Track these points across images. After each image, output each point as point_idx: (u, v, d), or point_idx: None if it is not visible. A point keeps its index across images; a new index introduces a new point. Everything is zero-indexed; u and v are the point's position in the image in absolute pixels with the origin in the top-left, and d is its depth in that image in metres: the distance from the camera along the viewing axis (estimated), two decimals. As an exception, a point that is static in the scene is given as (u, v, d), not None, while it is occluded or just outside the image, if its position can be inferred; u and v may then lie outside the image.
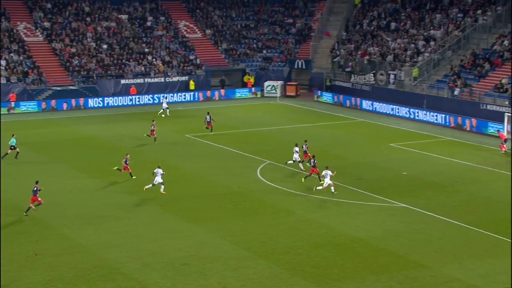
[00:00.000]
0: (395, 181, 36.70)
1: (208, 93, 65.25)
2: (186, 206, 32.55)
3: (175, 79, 65.32)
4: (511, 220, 28.67)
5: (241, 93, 66.73)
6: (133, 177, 36.18)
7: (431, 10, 66.10)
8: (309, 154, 38.05)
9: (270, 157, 41.58)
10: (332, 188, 33.56)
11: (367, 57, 64.20)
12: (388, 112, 57.08)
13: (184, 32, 71.89)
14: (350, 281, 23.97)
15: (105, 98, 61.24)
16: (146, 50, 67.58)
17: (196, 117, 55.85)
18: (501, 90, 51.53)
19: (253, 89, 67.05)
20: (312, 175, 35.78)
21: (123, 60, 65.49)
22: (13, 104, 57.80)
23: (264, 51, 72.26)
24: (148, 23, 71.37)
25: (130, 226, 29.58)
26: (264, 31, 74.93)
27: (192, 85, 65.43)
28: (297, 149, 38.24)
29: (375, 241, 27.78)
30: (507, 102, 50.11)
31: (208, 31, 72.67)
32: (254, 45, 72.93)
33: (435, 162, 40.74)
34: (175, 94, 63.76)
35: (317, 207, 32.16)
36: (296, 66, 70.11)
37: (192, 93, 64.32)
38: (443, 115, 52.50)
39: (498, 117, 47.67)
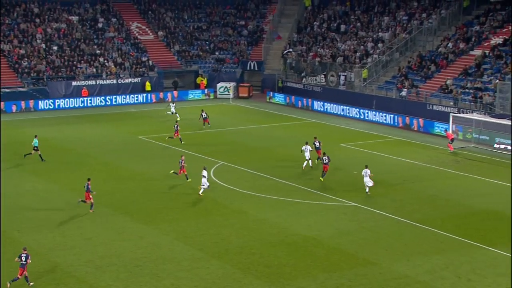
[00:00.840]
0: (346, 181, 37.16)
1: (161, 94, 64.84)
2: (139, 207, 32.28)
3: (128, 80, 64.70)
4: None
5: (194, 94, 66.54)
6: (188, 180, 35.39)
7: (379, 13, 67.19)
8: (320, 151, 38.91)
9: (224, 158, 41.59)
10: (368, 188, 34.16)
11: (318, 59, 64.83)
12: (338, 112, 57.74)
13: (136, 34, 71.27)
14: (302, 280, 24.18)
15: (56, 100, 60.21)
16: (98, 51, 66.75)
17: (149, 118, 55.49)
18: (446, 91, 52.73)
19: (206, 90, 66.94)
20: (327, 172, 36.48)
21: (74, 62, 64.52)
22: (-40, 106, 56.33)
23: (217, 53, 72.23)
24: (100, 25, 70.50)
25: (82, 229, 29.18)
26: (217, 33, 74.88)
27: (148, 86, 64.96)
28: (308, 147, 38.86)
29: (326, 240, 28.08)
30: (452, 103, 51.30)
31: (160, 33, 72.21)
32: (207, 47, 72.82)
33: (384, 162, 41.41)
34: (128, 96, 63.14)
35: (269, 207, 32.31)
36: (248, 68, 70.30)
37: (144, 95, 63.79)
38: (392, 116, 53.41)
39: (444, 117, 48.73)
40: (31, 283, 23.42)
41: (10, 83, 60.59)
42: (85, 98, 61.40)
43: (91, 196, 31.23)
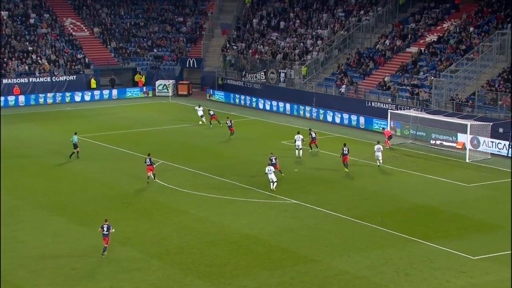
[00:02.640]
0: (287, 178, 37.46)
1: (97, 92, 63.84)
2: (76, 209, 31.75)
3: (62, 78, 63.40)
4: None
5: (132, 92, 65.79)
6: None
7: (318, 10, 67.99)
8: (316, 141, 40.85)
9: (163, 157, 41.29)
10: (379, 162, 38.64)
11: (258, 56, 65.12)
12: (279, 110, 58.16)
13: (71, 30, 69.92)
14: (244, 278, 24.30)
15: (-13, 99, 58.51)
16: (30, 48, 65.14)
17: (86, 118, 54.57)
18: (384, 87, 53.83)
19: (144, 88, 66.29)
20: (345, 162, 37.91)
21: (5, 59, 62.78)
22: None
23: (155, 50, 71.60)
24: (31, 20, 68.82)
25: (15, 232, 28.50)
26: (155, 29, 74.22)
27: (93, 83, 63.89)
28: (300, 136, 40.27)
29: (267, 237, 28.29)
30: (390, 99, 52.40)
31: (96, 29, 71.05)
32: (145, 44, 72.09)
33: (324, 159, 41.96)
34: (63, 94, 61.89)
35: (210, 206, 32.30)
36: (187, 65, 69.99)
37: (80, 93, 62.63)
38: (332, 112, 54.16)
39: (382, 114, 49.71)
40: (105, 253, 25.87)
41: None
42: (17, 97, 59.82)
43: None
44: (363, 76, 56.97)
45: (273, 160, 35.95)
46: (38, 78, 62.38)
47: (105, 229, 26.27)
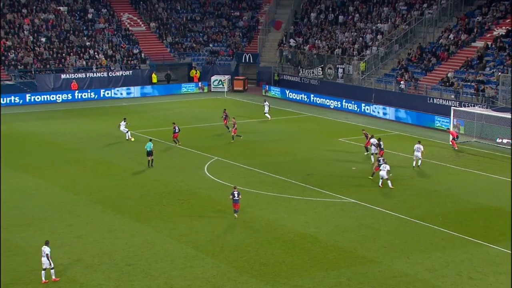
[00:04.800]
0: (344, 177, 37.22)
1: (152, 88, 64.73)
2: (131, 205, 32.28)
3: (119, 73, 64.59)
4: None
5: (187, 87, 66.48)
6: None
7: (378, 4, 67.19)
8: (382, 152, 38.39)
9: (218, 153, 41.60)
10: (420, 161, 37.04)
11: (315, 51, 64.84)
12: (336, 106, 57.78)
13: (128, 25, 71.15)
14: (299, 278, 24.24)
15: (44, 94, 60.12)
16: (88, 43, 66.61)
17: (141, 113, 55.42)
18: (447, 83, 52.80)
19: (199, 83, 66.89)
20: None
21: (63, 54, 64.38)
22: None
23: (211, 45, 72.16)
24: (89, 16, 70.35)
25: (72, 226, 29.18)
26: (211, 24, 74.80)
27: (154, 78, 65.01)
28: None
29: (324, 237, 28.15)
30: (453, 96, 51.38)
31: (152, 24, 72.10)
32: (200, 39, 72.75)
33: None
34: (119, 90, 63.07)
35: (265, 204, 32.33)
36: (243, 60, 70.26)
37: (136, 89, 63.65)
38: (391, 109, 53.46)
39: (445, 111, 48.79)
40: (236, 215, 29.56)
41: (-3, 76, 60.49)
42: (75, 92, 61.28)
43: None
44: (425, 72, 56.03)
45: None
46: (95, 73, 63.72)
47: (235, 195, 29.57)
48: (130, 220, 30.13)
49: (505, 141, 44.10)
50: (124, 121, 45.01)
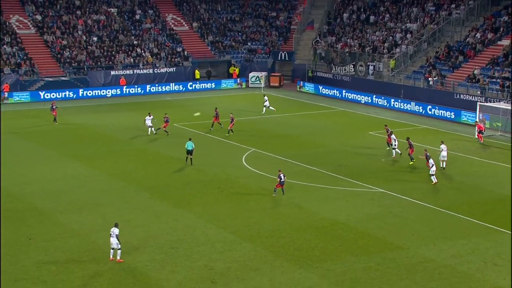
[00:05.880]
0: (373, 168, 36.93)
1: (195, 84, 65.13)
2: (174, 192, 32.56)
3: (163, 70, 65.09)
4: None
5: (226, 83, 66.64)
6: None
7: (408, 4, 66.32)
8: (413, 150, 37.03)
9: (255, 145, 41.66)
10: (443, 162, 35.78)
11: (347, 49, 64.34)
12: (367, 101, 57.30)
13: (172, 25, 71.58)
14: (331, 263, 24.18)
15: (96, 89, 60.95)
16: (135, 42, 67.23)
17: (184, 107, 55.80)
18: (474, 80, 51.92)
19: (238, 79, 66.97)
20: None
21: (113, 52, 65.12)
22: (6, 94, 57.38)
23: (249, 43, 72.17)
24: (137, 16, 70.97)
25: (120, 211, 29.56)
26: (249, 24, 74.78)
27: (197, 74, 65.44)
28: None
29: (354, 224, 28.00)
30: (479, 92, 50.51)
31: (194, 24, 72.41)
32: (239, 38, 72.78)
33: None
34: (163, 85, 63.55)
35: (299, 193, 32.27)
36: (279, 58, 70.11)
37: (179, 84, 64.08)
38: (419, 105, 52.81)
39: (471, 106, 48.00)
40: (275, 194, 30.98)
41: (53, 72, 61.47)
42: (123, 87, 61.98)
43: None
44: (452, 69, 55.17)
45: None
46: (141, 70, 64.32)
47: (282, 177, 30.93)
48: (174, 206, 30.40)
49: (529, 135, 43.22)
50: (150, 116, 44.56)
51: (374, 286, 22.44)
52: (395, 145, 38.42)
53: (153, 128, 44.54)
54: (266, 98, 53.04)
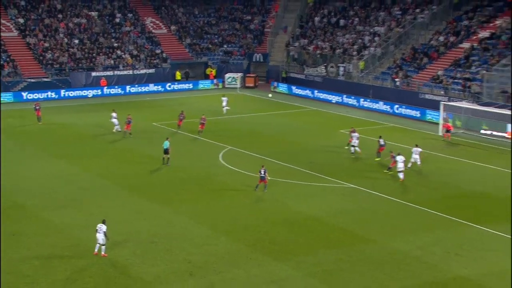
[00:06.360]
0: (345, 164, 37.16)
1: (173, 84, 64.83)
2: (155, 189, 32.38)
3: (143, 71, 64.67)
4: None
5: (204, 84, 66.44)
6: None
7: (375, 9, 66.78)
8: (383, 149, 37.02)
9: (231, 143, 41.63)
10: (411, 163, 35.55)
11: (319, 51, 64.58)
12: (338, 101, 57.60)
13: (151, 28, 71.12)
14: (304, 255, 24.28)
15: (77, 90, 60.33)
16: (115, 44, 66.66)
17: (163, 107, 55.51)
18: (437, 81, 52.52)
19: (215, 80, 66.81)
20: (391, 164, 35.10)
21: (94, 54, 64.50)
22: (-11, 95, 56.55)
23: (225, 46, 72.03)
24: (117, 20, 70.35)
25: (102, 208, 29.29)
26: (225, 27, 74.63)
27: (178, 75, 65.07)
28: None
29: (326, 218, 28.15)
30: (442, 92, 51.12)
31: (173, 27, 72.04)
32: (216, 40, 72.60)
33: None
34: (143, 86, 63.15)
35: (274, 189, 32.30)
36: (254, 60, 70.12)
37: (161, 84, 63.73)
38: (387, 104, 53.25)
39: (435, 106, 48.54)
40: (265, 191, 30.80)
41: (36, 74, 60.68)
42: (104, 88, 61.43)
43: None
44: (417, 70, 55.73)
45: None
46: (121, 71, 63.81)
47: (262, 172, 30.80)
48: (154, 203, 30.24)
49: (488, 132, 43.87)
50: (114, 113, 44.19)
51: (345, 277, 22.60)
52: (355, 142, 38.42)
53: (118, 127, 44.16)
54: (224, 98, 52.45)
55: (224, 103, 52.13)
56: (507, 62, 49.29)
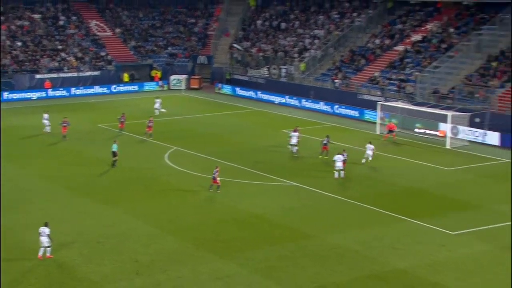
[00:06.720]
0: (288, 163, 37.38)
1: (118, 86, 63.71)
2: (101, 190, 31.74)
3: (88, 73, 63.29)
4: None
5: (149, 86, 65.60)
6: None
7: (315, 12, 67.57)
8: (327, 147, 37.43)
9: (177, 143, 41.24)
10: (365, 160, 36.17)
11: (261, 53, 64.82)
12: (280, 102, 57.93)
13: (95, 31, 69.69)
14: (250, 252, 24.28)
15: (21, 92, 58.47)
16: (59, 47, 64.97)
17: (108, 108, 54.50)
18: (374, 82, 53.58)
19: (160, 82, 66.09)
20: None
21: (37, 57, 62.66)
22: None
23: (170, 48, 71.34)
24: (61, 22, 68.60)
25: (46, 209, 28.50)
26: (169, 30, 73.93)
27: (126, 77, 63.84)
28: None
29: (271, 216, 28.24)
30: (379, 93, 52.17)
31: (117, 30, 70.83)
32: (160, 43, 71.82)
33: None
34: (88, 87, 61.81)
35: (221, 188, 32.16)
36: (199, 62, 69.74)
37: (107, 86, 62.53)
38: (327, 104, 53.93)
39: (372, 106, 49.46)
40: (219, 191, 30.38)
41: (-23, 76, 58.46)
42: (48, 90, 59.78)
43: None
44: (355, 72, 56.68)
45: (344, 156, 33.34)
46: (66, 73, 62.25)
47: (214, 173, 30.61)
48: (100, 203, 29.63)
49: (422, 130, 45.04)
50: (46, 114, 43.55)
51: (289, 272, 22.71)
52: (294, 141, 38.66)
53: (48, 128, 43.10)
54: (157, 100, 51.66)
55: (157, 105, 51.35)
56: (438, 64, 50.77)
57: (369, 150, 37.19)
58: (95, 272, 22.39)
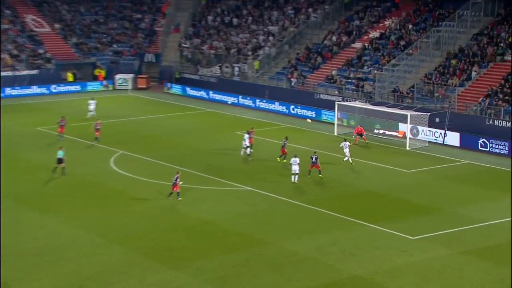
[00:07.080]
0: (241, 167, 37.50)
1: (58, 86, 62.62)
2: (39, 198, 31.15)
3: (24, 72, 61.92)
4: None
5: (92, 86, 64.68)
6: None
7: (269, 8, 68.02)
8: (285, 150, 37.57)
9: (123, 147, 40.84)
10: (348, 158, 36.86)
11: (213, 51, 64.81)
12: (233, 102, 58.04)
13: (32, 26, 68.27)
14: (201, 261, 24.26)
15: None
16: (-8, 43, 63.39)
17: (47, 110, 53.48)
18: (332, 80, 54.26)
19: (104, 82, 65.27)
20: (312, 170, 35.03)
21: (-32, 54, 60.99)
22: None
23: (114, 45, 70.53)
24: (-6, 16, 66.93)
25: (-20, 221, 27.74)
26: (114, 25, 73.09)
27: (70, 77, 62.65)
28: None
29: (224, 223, 28.28)
30: (336, 92, 52.86)
31: (57, 25, 69.57)
32: (104, 40, 70.91)
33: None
34: (25, 88, 60.49)
35: (168, 194, 32.03)
36: (146, 60, 69.19)
37: (46, 87, 61.34)
38: (283, 104, 54.32)
39: (330, 105, 50.05)
40: (180, 198, 30.47)
41: None
42: (-19, 90, 58.25)
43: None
44: (312, 70, 57.28)
45: (313, 158, 34.86)
46: (0, 73, 60.74)
47: (175, 178, 30.54)
48: (38, 212, 29.08)
49: (381, 131, 45.86)
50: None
51: (243, 282, 22.81)
52: (246, 143, 38.81)
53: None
54: (92, 101, 50.88)
55: (91, 106, 50.46)
56: (396, 62, 51.83)
57: (345, 147, 37.73)
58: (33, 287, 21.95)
